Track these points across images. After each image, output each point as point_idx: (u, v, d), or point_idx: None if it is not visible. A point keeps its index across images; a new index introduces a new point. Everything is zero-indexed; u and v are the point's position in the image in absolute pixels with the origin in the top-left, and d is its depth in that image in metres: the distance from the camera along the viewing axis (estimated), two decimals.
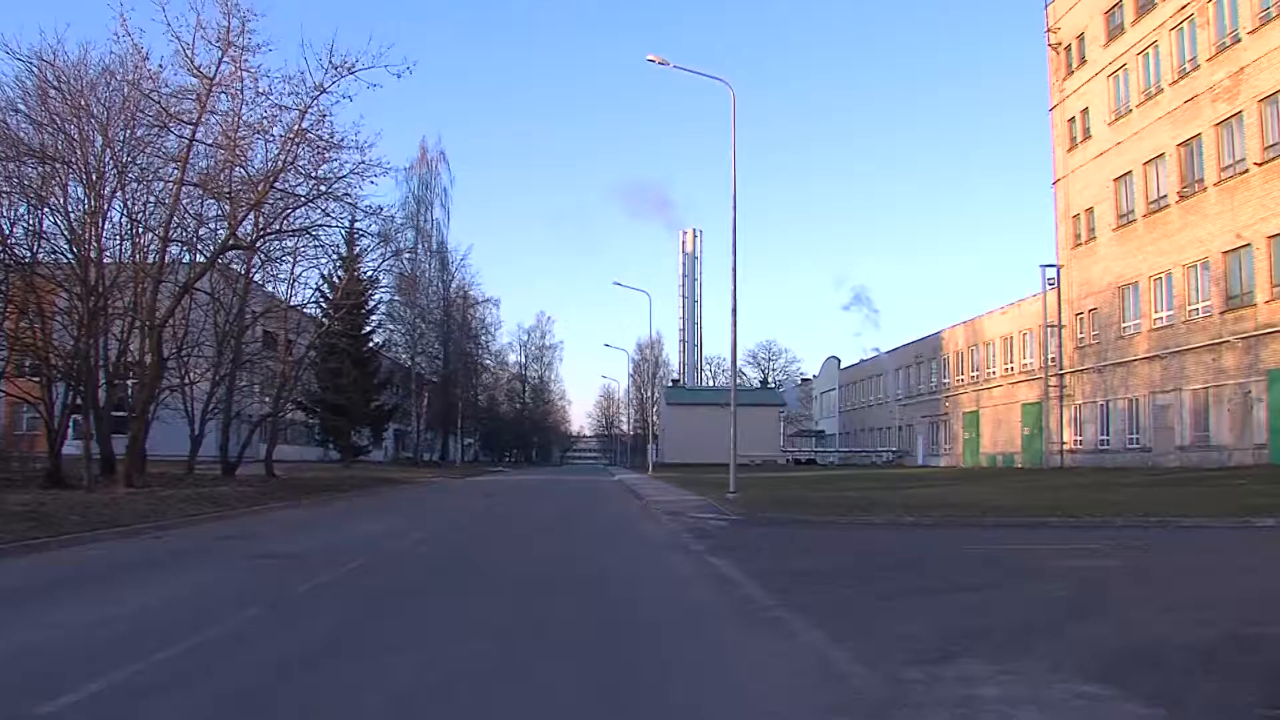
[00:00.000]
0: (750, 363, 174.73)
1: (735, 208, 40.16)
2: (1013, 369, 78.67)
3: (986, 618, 12.45)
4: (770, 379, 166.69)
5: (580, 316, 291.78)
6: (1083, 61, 64.94)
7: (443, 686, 9.20)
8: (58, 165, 37.00)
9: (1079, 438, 66.02)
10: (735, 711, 8.47)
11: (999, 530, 25.76)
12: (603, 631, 12.00)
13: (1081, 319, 65.35)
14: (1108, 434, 61.61)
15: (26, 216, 39.22)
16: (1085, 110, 64.61)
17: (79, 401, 39.23)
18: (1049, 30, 69.21)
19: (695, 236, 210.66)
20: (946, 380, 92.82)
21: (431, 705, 8.61)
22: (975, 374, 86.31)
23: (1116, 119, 60.34)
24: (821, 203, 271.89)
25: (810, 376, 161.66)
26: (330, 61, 36.73)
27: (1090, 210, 63.66)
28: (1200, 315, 51.55)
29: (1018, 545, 21.72)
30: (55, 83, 36.73)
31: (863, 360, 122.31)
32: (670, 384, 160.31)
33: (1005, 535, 24.35)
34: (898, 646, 10.42)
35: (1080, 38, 65.33)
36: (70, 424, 40.52)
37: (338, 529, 27.38)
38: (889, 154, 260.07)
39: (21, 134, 37.27)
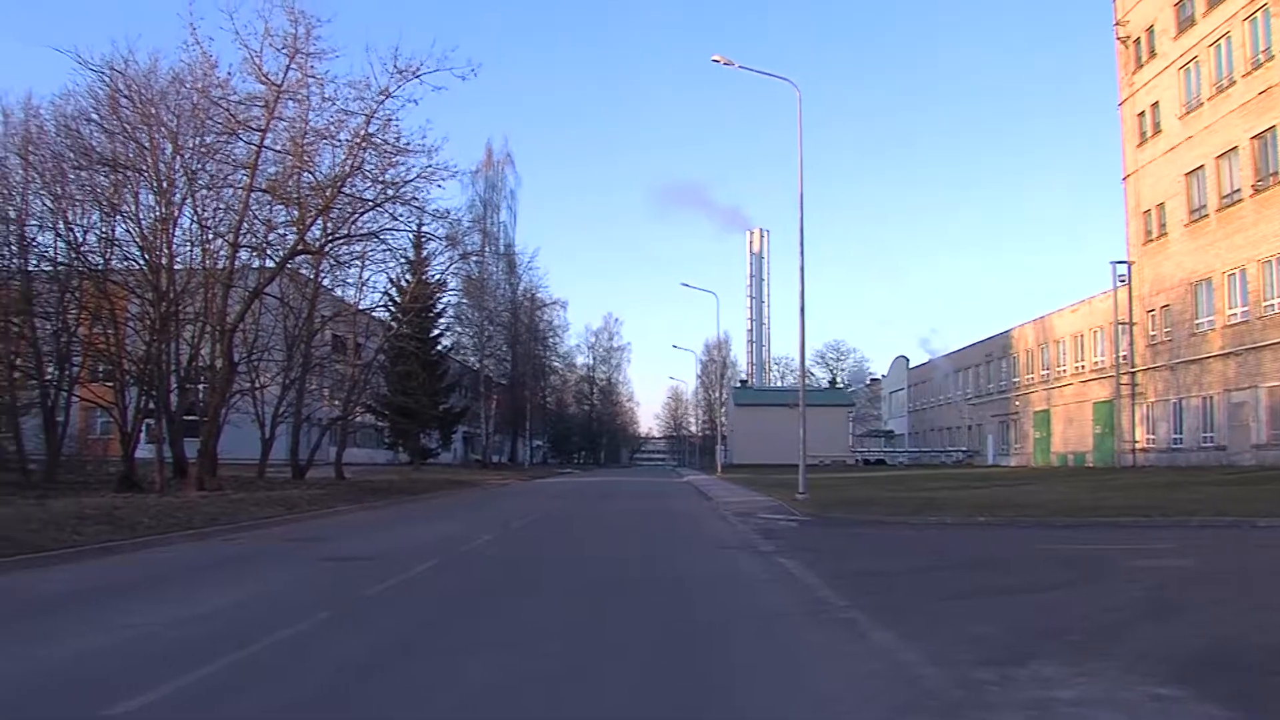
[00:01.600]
0: (818, 362, 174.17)
1: (802, 207, 39.98)
2: (1083, 367, 77.77)
3: (1060, 618, 12.32)
4: (838, 379, 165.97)
5: (648, 318, 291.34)
6: (1152, 55, 64.12)
7: (514, 688, 9.21)
8: (129, 173, 37.49)
9: (1151, 436, 65.18)
10: (807, 713, 8.42)
11: (1071, 530, 25.52)
12: (672, 632, 11.99)
13: (1153, 316, 64.43)
14: (1180, 432, 60.80)
15: (99, 224, 39.82)
16: (1155, 104, 63.72)
17: (151, 406, 39.70)
18: (1117, 24, 68.41)
19: (762, 236, 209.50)
20: (1016, 379, 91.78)
21: (503, 706, 8.64)
22: (1045, 372, 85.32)
23: (1187, 112, 59.54)
24: (886, 200, 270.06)
25: (879, 376, 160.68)
26: (395, 66, 37.03)
27: (1161, 206, 62.79)
28: (1277, 310, 50.79)
29: (1091, 545, 21.49)
30: (126, 92, 37.15)
31: (931, 359, 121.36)
32: (738, 385, 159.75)
33: (1078, 535, 24.15)
34: (970, 647, 10.36)
35: (1149, 30, 64.48)
36: (143, 428, 40.97)
37: (407, 531, 27.48)
38: (951, 151, 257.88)
39: (94, 143, 37.82)
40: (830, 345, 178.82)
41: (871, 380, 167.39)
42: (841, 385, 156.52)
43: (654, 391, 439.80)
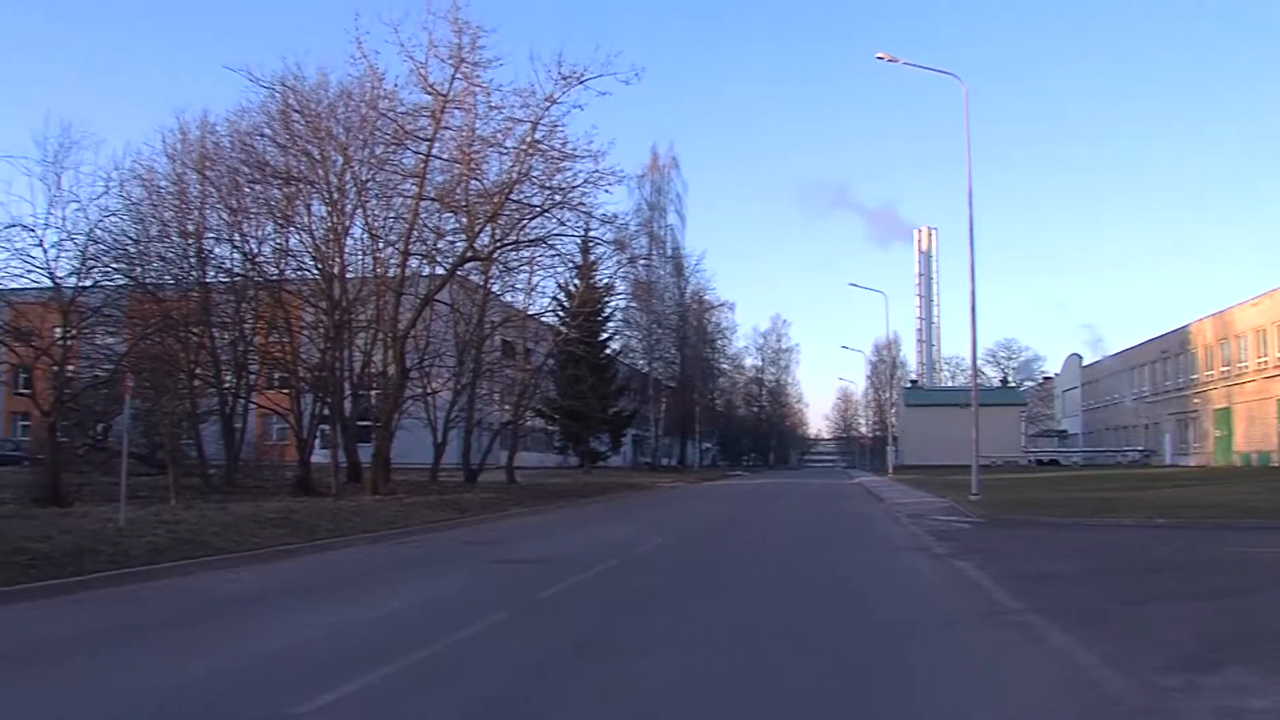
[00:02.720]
0: (989, 361, 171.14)
1: (971, 204, 39.51)
2: (1266, 362, 75.38)
3: (1250, 624, 11.95)
4: (1010, 378, 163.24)
5: (815, 318, 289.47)
6: None
7: (693, 689, 9.21)
8: (301, 185, 38.42)
9: None
10: (988, 718, 8.33)
11: (1258, 533, 24.71)
12: (848, 634, 11.90)
13: None
14: None
15: (274, 236, 40.84)
16: None
17: (326, 412, 40.53)
18: None
19: (930, 234, 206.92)
20: (1194, 376, 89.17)
21: (681, 708, 8.64)
22: (1226, 369, 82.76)
23: None
24: (1054, 195, 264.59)
25: (1051, 375, 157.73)
26: (559, 72, 37.15)
27: None
28: None
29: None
30: (297, 107, 38.07)
31: (1104, 358, 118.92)
32: (908, 385, 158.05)
33: (1265, 538, 23.39)
34: (1153, 653, 10.09)
35: None
36: (318, 434, 41.79)
37: (579, 534, 27.65)
38: (1123, 143, 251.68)
39: (267, 157, 38.80)
40: (1001, 344, 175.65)
41: (1044, 379, 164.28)
42: (1013, 384, 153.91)
43: (823, 392, 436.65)
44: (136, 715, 8.53)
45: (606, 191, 45.26)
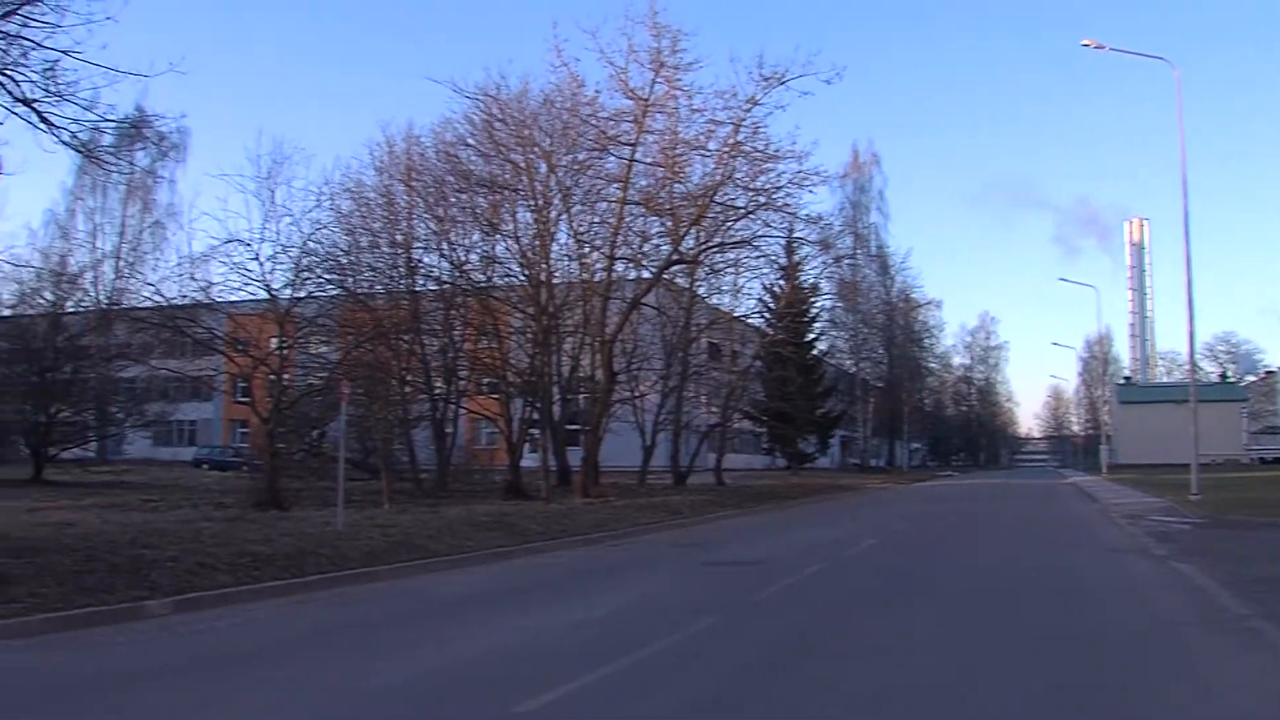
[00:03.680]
0: (1207, 356, 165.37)
1: (1186, 194, 38.18)
2: None
3: None
4: (1230, 373, 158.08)
5: (1023, 315, 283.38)
6: None
7: (909, 690, 9.06)
8: (507, 193, 38.97)
9: None
10: None
11: None
12: (1065, 640, 11.52)
13: None
14: None
15: (480, 243, 41.36)
16: None
17: (535, 416, 40.90)
18: None
19: (1142, 226, 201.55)
20: None
21: (901, 711, 8.49)
22: None
23: None
24: (1277, 182, 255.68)
25: (1274, 369, 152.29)
26: (760, 73, 36.94)
27: None
28: None
29: None
30: (500, 116, 38.51)
31: None
32: (1122, 381, 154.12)
33: None
34: None
35: None
36: (527, 437, 42.20)
37: (789, 535, 27.45)
38: None
39: (472, 166, 39.40)
40: (1219, 337, 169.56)
41: (1266, 373, 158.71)
42: (1233, 380, 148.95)
43: (1033, 391, 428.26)
44: (361, 713, 8.74)
45: (810, 191, 44.83)
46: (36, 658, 10.66)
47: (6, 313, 48.75)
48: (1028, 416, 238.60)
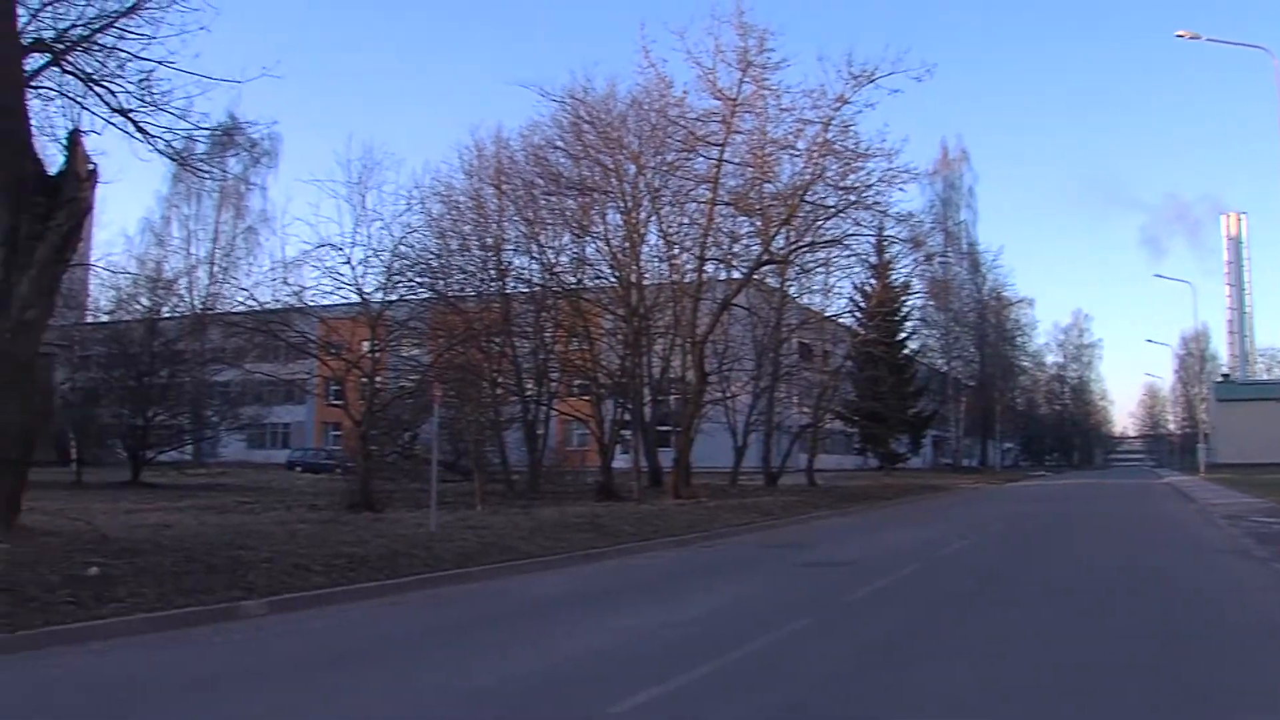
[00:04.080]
0: None
1: None
2: None
3: None
4: None
5: (1116, 312, 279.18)
6: None
7: (1007, 695, 8.94)
8: (596, 195, 39.03)
9: None
10: None
11: None
12: (1165, 643, 11.36)
13: None
14: None
15: (570, 245, 41.51)
16: None
17: (626, 417, 40.91)
18: None
19: (1239, 220, 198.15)
20: None
21: (1000, 715, 8.40)
22: None
23: None
24: None
25: None
26: (849, 72, 36.74)
27: None
28: None
29: None
30: (588, 118, 38.73)
31: None
32: (1220, 379, 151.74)
33: None
34: None
35: None
36: (618, 439, 42.23)
37: (882, 536, 27.28)
38: None
39: (561, 169, 39.52)
40: None
41: None
42: None
43: (1128, 389, 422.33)
44: (456, 713, 8.80)
45: (900, 189, 44.61)
46: (137, 657, 10.77)
47: (105, 318, 49.76)
48: (1122, 415, 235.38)
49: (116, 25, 19.71)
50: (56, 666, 10.23)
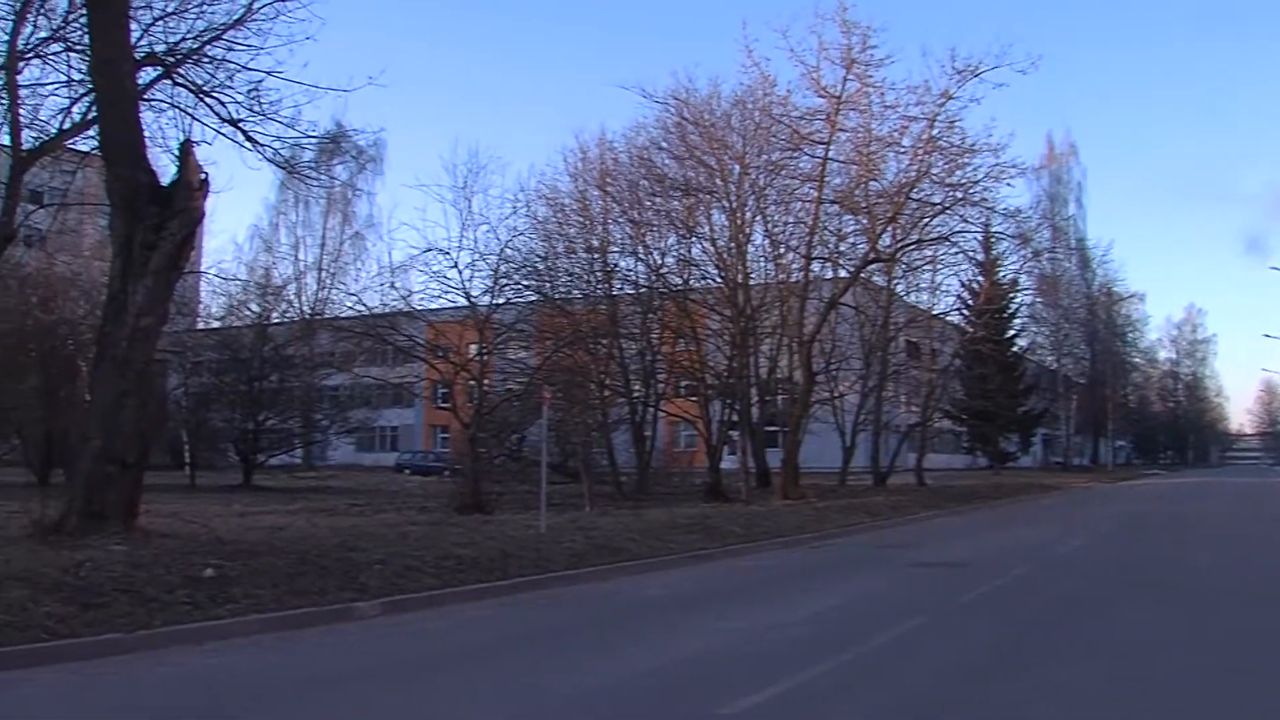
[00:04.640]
0: None
1: None
2: None
3: None
4: None
5: (1231, 306, 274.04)
6: None
7: (1125, 699, 8.83)
8: (701, 196, 39.01)
9: None
10: None
11: None
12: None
13: None
14: None
15: (676, 246, 41.47)
16: None
17: (734, 418, 40.84)
18: None
19: None
20: None
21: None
22: None
23: None
24: None
25: None
26: (954, 67, 36.49)
27: None
28: None
29: None
30: (691, 119, 38.82)
31: None
32: None
33: None
34: None
35: None
36: (726, 439, 42.17)
37: (992, 536, 27.09)
38: None
39: (665, 170, 39.62)
40: None
41: None
42: None
43: (1244, 385, 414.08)
44: (569, 714, 8.84)
45: (1008, 185, 44.13)
46: (252, 657, 10.90)
47: (216, 324, 50.57)
48: (1239, 412, 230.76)
49: (225, 37, 20.13)
50: (174, 666, 10.38)
